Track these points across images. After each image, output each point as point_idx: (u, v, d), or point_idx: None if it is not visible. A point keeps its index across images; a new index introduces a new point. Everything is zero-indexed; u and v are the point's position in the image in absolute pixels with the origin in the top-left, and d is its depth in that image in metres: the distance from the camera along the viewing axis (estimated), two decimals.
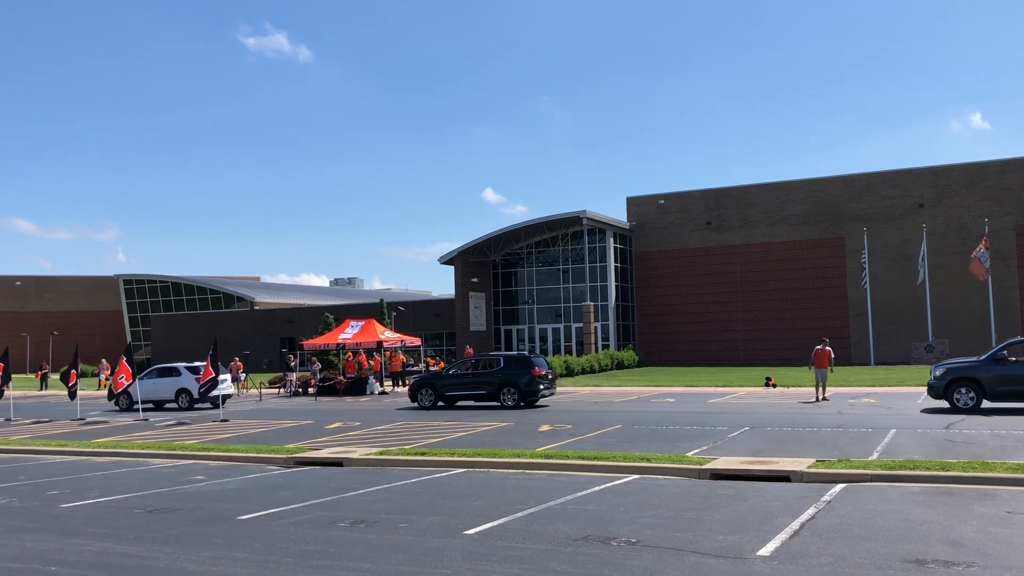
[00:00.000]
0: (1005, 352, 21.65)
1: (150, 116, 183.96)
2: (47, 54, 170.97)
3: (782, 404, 24.98)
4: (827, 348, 26.55)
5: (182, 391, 31.28)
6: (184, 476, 14.87)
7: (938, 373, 22.19)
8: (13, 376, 31.64)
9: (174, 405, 31.59)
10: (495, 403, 27.27)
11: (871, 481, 12.09)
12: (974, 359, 22.52)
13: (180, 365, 32.83)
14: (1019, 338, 23.68)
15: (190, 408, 30.80)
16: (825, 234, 52.67)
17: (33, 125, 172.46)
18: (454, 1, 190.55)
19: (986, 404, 21.48)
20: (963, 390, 21.46)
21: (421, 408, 27.62)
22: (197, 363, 32.20)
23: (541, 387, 27.20)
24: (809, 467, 12.82)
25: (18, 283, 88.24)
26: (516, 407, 26.47)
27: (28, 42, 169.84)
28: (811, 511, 10.19)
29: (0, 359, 29.93)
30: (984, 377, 21.30)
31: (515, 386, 26.78)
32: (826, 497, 11.05)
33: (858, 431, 17.94)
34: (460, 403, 28.13)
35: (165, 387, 31.78)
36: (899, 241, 50.49)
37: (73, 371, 29.03)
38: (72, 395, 28.45)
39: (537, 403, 27.61)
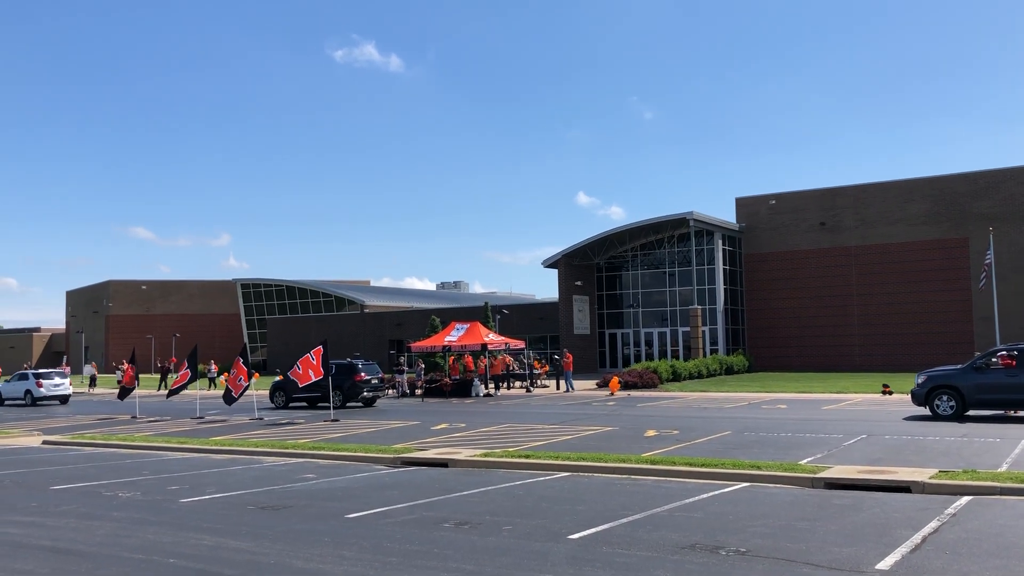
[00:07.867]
0: (985, 360, 21.60)
1: (257, 128, 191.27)
2: (157, 74, 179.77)
3: (901, 411, 23.91)
4: None
5: (27, 391, 40.15)
6: (295, 474, 15.27)
7: (920, 380, 22.31)
8: (140, 376, 33.41)
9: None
10: (327, 404, 30.13)
11: (1000, 494, 11.40)
12: (956, 367, 22.58)
13: (30, 372, 42.02)
14: (1001, 346, 23.00)
15: (33, 405, 39.59)
16: (947, 234, 50.19)
17: (149, 139, 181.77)
18: (538, 4, 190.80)
19: (971, 412, 21.51)
20: (944, 397, 21.63)
21: (277, 408, 31.92)
22: (43, 370, 43.04)
23: (364, 390, 31.75)
24: (931, 478, 12.18)
25: (144, 287, 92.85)
26: (342, 407, 30.46)
27: (144, 61, 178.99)
28: (934, 524, 9.67)
29: (129, 362, 31.54)
30: (963, 385, 21.30)
31: (340, 389, 30.48)
32: (950, 510, 10.47)
33: (984, 441, 17.02)
34: (296, 403, 31.91)
35: (18, 388, 40.90)
36: None
37: (186, 372, 30.17)
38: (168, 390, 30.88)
39: (373, 404, 32.34)
